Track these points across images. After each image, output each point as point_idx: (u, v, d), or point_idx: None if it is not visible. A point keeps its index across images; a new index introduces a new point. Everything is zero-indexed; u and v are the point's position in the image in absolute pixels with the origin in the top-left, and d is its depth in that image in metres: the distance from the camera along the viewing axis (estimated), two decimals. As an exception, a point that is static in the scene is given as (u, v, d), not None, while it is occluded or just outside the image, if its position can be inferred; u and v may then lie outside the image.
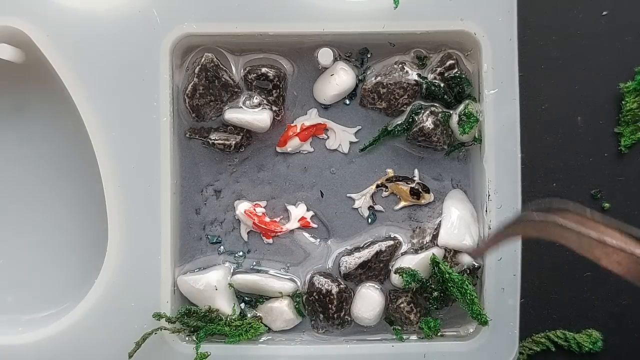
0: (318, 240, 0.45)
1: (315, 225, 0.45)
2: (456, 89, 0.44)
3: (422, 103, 0.45)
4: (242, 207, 0.45)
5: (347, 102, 0.45)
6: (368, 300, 0.44)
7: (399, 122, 0.44)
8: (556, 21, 0.48)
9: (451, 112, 0.44)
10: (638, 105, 0.47)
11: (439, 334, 0.44)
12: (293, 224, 0.45)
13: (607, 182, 0.49)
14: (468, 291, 0.42)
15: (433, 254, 0.43)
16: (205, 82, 0.43)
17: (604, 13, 0.48)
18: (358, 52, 0.45)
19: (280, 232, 0.45)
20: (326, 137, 0.45)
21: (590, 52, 0.48)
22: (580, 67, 0.48)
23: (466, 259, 0.44)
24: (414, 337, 0.44)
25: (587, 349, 0.47)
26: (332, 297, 0.44)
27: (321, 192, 0.45)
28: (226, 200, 0.45)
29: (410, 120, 0.44)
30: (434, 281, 0.43)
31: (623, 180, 0.49)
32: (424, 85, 0.44)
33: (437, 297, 0.43)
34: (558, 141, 0.48)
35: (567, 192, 0.49)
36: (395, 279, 0.44)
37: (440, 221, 0.45)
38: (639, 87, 0.47)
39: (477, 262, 0.44)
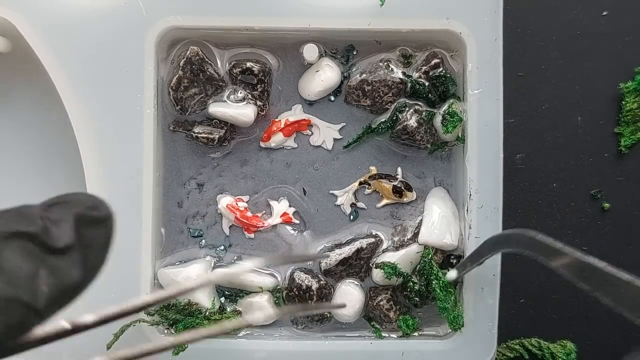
0: (295, 232, 0.45)
1: (297, 221, 0.45)
2: (441, 88, 0.44)
3: (407, 101, 0.45)
4: (225, 201, 0.45)
5: (332, 98, 0.45)
6: (348, 297, 0.44)
7: (383, 120, 0.45)
8: (556, 21, 0.48)
9: (435, 111, 0.44)
10: (638, 106, 0.47)
11: (416, 333, 0.44)
12: (275, 220, 0.45)
13: (607, 182, 0.49)
14: (453, 293, 0.43)
15: (429, 248, 0.43)
16: (190, 75, 0.43)
17: (604, 13, 0.48)
18: (344, 48, 0.45)
19: (262, 227, 0.45)
20: (310, 133, 0.45)
21: (590, 52, 0.48)
22: (580, 67, 0.48)
23: (452, 275, 0.42)
24: (393, 335, 0.44)
25: (560, 359, 0.47)
26: (312, 293, 0.44)
27: (304, 189, 0.45)
28: (209, 194, 0.45)
29: (394, 118, 0.44)
30: (417, 275, 0.43)
31: (623, 180, 0.49)
32: (409, 84, 0.44)
33: (419, 290, 0.43)
34: (558, 141, 0.49)
35: (567, 192, 0.49)
36: (376, 275, 0.44)
37: (421, 219, 0.45)
38: (639, 87, 0.47)
39: (456, 253, 0.44)
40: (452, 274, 0.42)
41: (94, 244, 0.24)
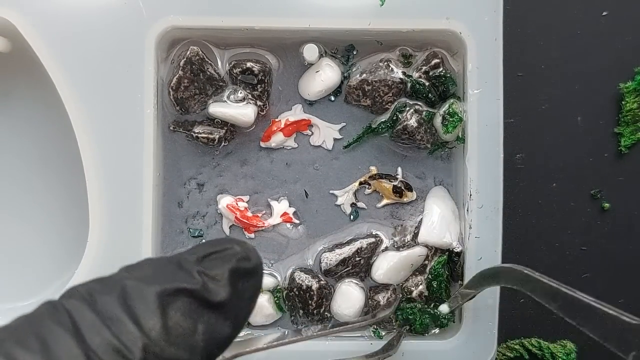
0: (292, 226, 0.45)
1: (297, 221, 0.45)
2: (441, 88, 0.44)
3: (407, 101, 0.45)
4: (225, 201, 0.45)
5: (332, 98, 0.45)
6: (348, 297, 0.44)
7: (383, 120, 0.45)
8: (556, 21, 0.48)
9: (435, 111, 0.44)
10: (638, 106, 0.47)
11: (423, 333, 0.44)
12: (275, 220, 0.45)
13: (607, 182, 0.49)
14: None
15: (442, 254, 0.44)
16: (190, 75, 0.43)
17: (604, 13, 0.48)
18: (344, 48, 0.45)
19: (262, 227, 0.45)
20: (310, 133, 0.45)
21: (590, 52, 0.48)
22: (580, 67, 0.48)
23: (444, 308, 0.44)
24: (393, 335, 0.44)
25: (560, 359, 0.47)
26: (312, 292, 0.44)
27: (305, 191, 0.45)
28: (209, 194, 0.45)
29: (394, 118, 0.44)
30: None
31: (623, 180, 0.49)
32: (409, 84, 0.44)
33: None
34: (558, 141, 0.49)
35: (567, 192, 0.49)
36: (376, 275, 0.44)
37: (421, 218, 0.45)
38: (639, 87, 0.47)
39: (457, 248, 0.44)
40: (444, 308, 0.43)
41: (244, 296, 0.25)
